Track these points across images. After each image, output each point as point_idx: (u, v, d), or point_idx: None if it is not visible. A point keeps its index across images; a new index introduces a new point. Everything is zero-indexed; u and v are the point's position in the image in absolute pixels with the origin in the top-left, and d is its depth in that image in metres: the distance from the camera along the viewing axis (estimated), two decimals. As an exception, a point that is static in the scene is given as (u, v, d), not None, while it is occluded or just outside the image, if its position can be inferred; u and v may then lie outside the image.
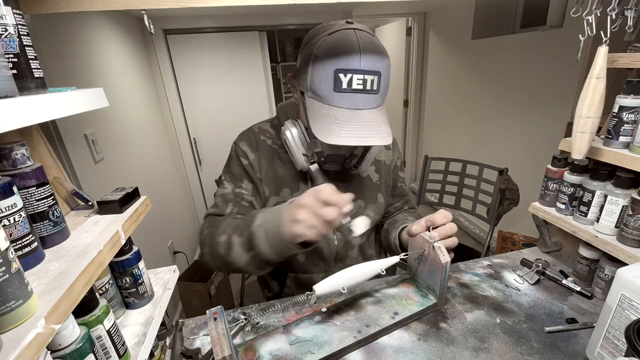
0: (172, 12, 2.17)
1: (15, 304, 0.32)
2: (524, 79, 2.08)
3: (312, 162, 0.75)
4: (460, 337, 0.68)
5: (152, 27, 0.59)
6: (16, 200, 0.39)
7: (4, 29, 0.39)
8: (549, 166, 0.86)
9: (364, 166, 0.78)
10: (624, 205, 0.70)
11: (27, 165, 0.44)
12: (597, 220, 0.75)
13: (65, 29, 1.23)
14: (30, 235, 0.41)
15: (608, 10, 0.63)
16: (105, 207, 0.56)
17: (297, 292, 0.90)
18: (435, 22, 2.99)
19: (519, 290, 0.82)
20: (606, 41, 0.64)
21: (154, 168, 1.99)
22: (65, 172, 0.60)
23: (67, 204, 0.59)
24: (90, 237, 0.49)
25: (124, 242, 0.52)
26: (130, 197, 0.59)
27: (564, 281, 0.82)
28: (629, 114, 0.67)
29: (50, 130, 0.94)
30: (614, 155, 0.70)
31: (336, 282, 0.63)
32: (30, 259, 0.41)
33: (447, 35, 2.83)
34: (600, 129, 0.79)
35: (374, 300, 0.76)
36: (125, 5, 0.53)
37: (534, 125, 2.07)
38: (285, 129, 0.73)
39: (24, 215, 0.40)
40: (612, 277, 0.58)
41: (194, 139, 2.59)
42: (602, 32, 0.64)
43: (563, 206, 0.83)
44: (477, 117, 2.58)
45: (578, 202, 0.79)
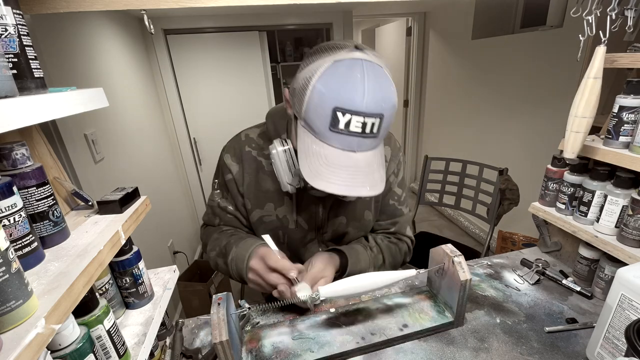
0: (172, 12, 2.17)
1: (15, 304, 0.32)
2: (524, 79, 2.07)
3: (297, 188, 0.71)
4: (460, 337, 0.68)
5: (152, 27, 0.59)
6: (16, 200, 0.39)
7: (4, 29, 0.39)
8: (549, 166, 0.86)
9: (351, 197, 0.75)
10: (624, 205, 0.70)
11: (27, 165, 0.44)
12: (597, 220, 0.75)
13: (65, 29, 1.23)
14: (30, 235, 0.41)
15: (608, 10, 0.63)
16: (105, 207, 0.56)
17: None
18: (435, 22, 2.99)
19: (519, 290, 0.82)
20: (604, 41, 0.64)
21: (154, 168, 1.99)
22: (65, 172, 0.60)
23: (67, 204, 0.59)
24: (90, 237, 0.49)
25: (124, 242, 0.52)
26: (130, 197, 0.59)
27: (564, 281, 0.82)
28: (629, 114, 0.67)
29: (50, 130, 0.95)
30: (614, 155, 0.70)
31: (342, 288, 0.63)
32: (30, 259, 0.41)
33: (447, 35, 2.83)
34: (598, 129, 0.79)
35: (384, 308, 0.74)
36: (125, 5, 0.53)
37: (534, 125, 2.07)
38: (272, 148, 0.68)
39: (24, 215, 0.40)
40: (612, 277, 0.58)
41: (194, 139, 2.59)
42: (601, 32, 0.64)
43: (563, 206, 0.83)
44: (477, 117, 2.58)
45: (578, 202, 0.79)
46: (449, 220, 3.11)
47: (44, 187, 0.45)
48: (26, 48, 0.42)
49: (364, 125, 0.56)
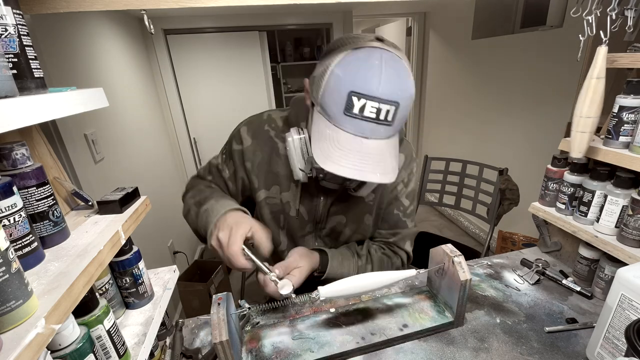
0: (172, 12, 2.17)
1: (15, 304, 0.32)
2: (524, 79, 2.07)
3: (309, 177, 0.71)
4: (460, 337, 0.68)
5: (152, 27, 0.59)
6: (16, 200, 0.39)
7: (4, 29, 0.39)
8: (549, 166, 0.86)
9: (364, 191, 0.74)
10: (624, 205, 0.70)
11: (27, 165, 0.44)
12: (597, 220, 0.75)
13: (65, 29, 1.23)
14: (30, 235, 0.41)
15: (608, 10, 0.63)
16: (105, 207, 0.56)
17: (295, 293, 0.90)
18: (435, 22, 2.99)
19: (519, 290, 0.82)
20: (606, 41, 0.64)
21: (154, 168, 1.99)
22: (65, 172, 0.60)
23: (67, 204, 0.59)
24: (90, 237, 0.49)
25: (124, 242, 0.52)
26: (130, 197, 0.59)
27: (564, 281, 0.82)
28: (629, 114, 0.67)
29: (50, 130, 0.94)
30: (614, 155, 0.70)
31: (342, 288, 0.63)
32: (30, 259, 0.41)
33: (447, 35, 2.83)
34: (600, 128, 0.79)
35: (384, 308, 0.74)
36: (125, 5, 0.53)
37: (534, 125, 2.07)
38: (288, 136, 0.69)
39: (24, 215, 0.40)
40: (612, 277, 0.58)
41: (194, 138, 2.59)
42: (601, 32, 0.64)
43: (563, 206, 0.83)
44: (477, 117, 2.58)
45: (578, 202, 0.79)
46: (449, 220, 3.11)
47: (44, 187, 0.45)
48: (26, 48, 0.42)
49: (379, 111, 0.56)
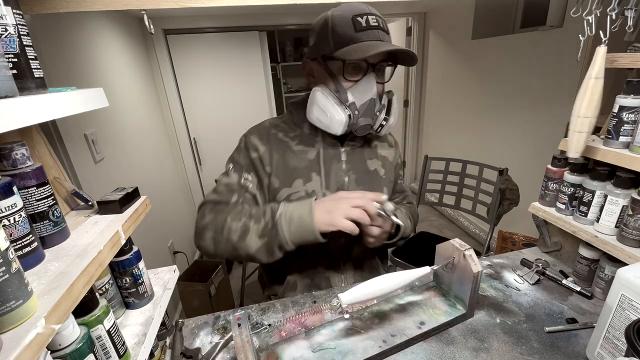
0: (172, 12, 2.17)
1: (15, 304, 0.32)
2: (524, 79, 2.07)
3: (348, 115, 0.75)
4: (460, 337, 0.68)
5: (152, 27, 0.59)
6: (16, 200, 0.39)
7: (4, 29, 0.39)
8: (549, 166, 0.86)
9: (392, 119, 0.80)
10: (624, 205, 0.70)
11: (27, 165, 0.44)
12: (597, 220, 0.75)
13: (65, 29, 1.23)
14: (30, 235, 0.41)
15: (608, 10, 0.63)
16: (105, 207, 0.56)
17: (300, 281, 0.90)
18: (435, 22, 2.99)
19: (519, 290, 0.82)
20: (605, 41, 0.64)
21: (154, 168, 1.99)
22: (65, 172, 0.60)
23: (67, 204, 0.59)
24: (90, 237, 0.49)
25: (124, 242, 0.52)
26: (130, 197, 0.59)
27: (564, 281, 0.82)
28: (629, 114, 0.67)
29: (50, 130, 0.94)
30: (614, 155, 0.70)
31: (364, 293, 0.62)
32: (30, 259, 0.41)
33: (447, 35, 2.83)
34: (599, 128, 0.79)
35: (398, 308, 0.74)
36: (125, 5, 0.53)
37: (534, 125, 2.07)
38: (315, 90, 0.76)
39: (24, 215, 0.40)
40: (612, 277, 0.58)
41: (194, 139, 2.59)
42: (601, 32, 0.64)
43: (563, 206, 0.83)
44: (477, 117, 2.58)
45: (578, 202, 0.79)
46: (449, 220, 3.11)
47: (44, 187, 0.45)
48: (26, 48, 0.42)
49: (378, 20, 0.73)
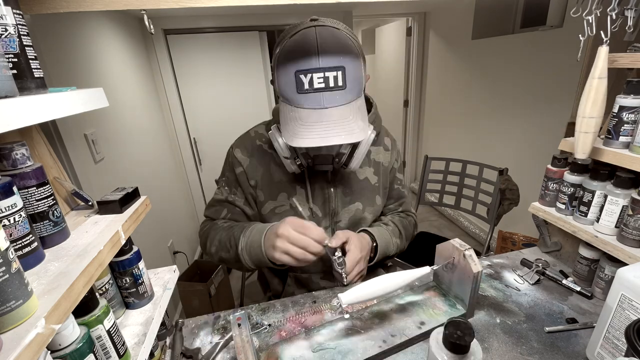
0: (172, 12, 2.17)
1: (15, 304, 0.32)
2: (524, 79, 2.07)
3: (299, 165, 0.74)
4: (460, 337, 0.68)
5: (152, 27, 0.59)
6: (16, 200, 0.39)
7: (4, 29, 0.39)
8: (549, 166, 0.86)
9: (354, 164, 0.76)
10: (624, 205, 0.70)
11: (27, 165, 0.44)
12: (597, 220, 0.75)
13: (65, 29, 1.23)
14: (30, 235, 0.41)
15: (608, 10, 0.63)
16: (105, 207, 0.56)
17: (297, 291, 0.90)
18: (435, 22, 2.99)
19: (519, 290, 0.82)
20: (607, 41, 0.64)
21: (154, 168, 1.99)
22: (65, 172, 0.60)
23: (67, 204, 0.59)
24: (90, 237, 0.49)
25: (124, 242, 0.52)
26: (130, 197, 0.59)
27: (564, 281, 0.82)
28: (629, 114, 0.67)
29: (50, 130, 0.94)
30: (614, 155, 0.70)
31: (364, 293, 0.62)
32: (30, 259, 0.41)
33: (447, 35, 2.83)
34: (600, 129, 0.79)
35: (398, 309, 0.74)
36: (125, 5, 0.53)
37: (534, 125, 2.07)
38: (271, 134, 0.73)
39: (24, 215, 0.40)
40: (612, 277, 0.58)
41: (194, 139, 2.59)
42: (602, 32, 0.64)
43: (563, 206, 0.83)
44: (477, 117, 2.58)
45: (578, 202, 0.79)
46: (449, 220, 3.11)
47: (44, 187, 0.45)
48: (26, 48, 0.42)
49: (326, 79, 0.61)
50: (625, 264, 0.64)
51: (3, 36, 0.39)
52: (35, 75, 0.43)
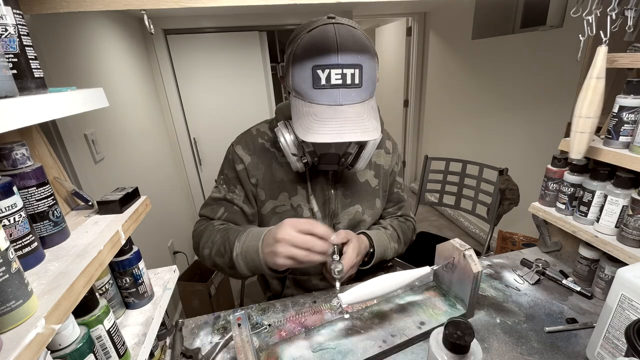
0: (172, 12, 2.17)
1: (15, 304, 0.32)
2: (524, 79, 2.07)
3: (305, 163, 0.73)
4: (460, 337, 0.68)
5: (152, 27, 0.59)
6: (16, 200, 0.39)
7: (4, 29, 0.39)
8: (549, 166, 0.86)
9: (360, 164, 0.75)
10: (624, 205, 0.70)
11: (27, 165, 0.44)
12: (597, 220, 0.75)
13: (65, 29, 1.23)
14: (30, 235, 0.41)
15: (608, 10, 0.63)
16: (105, 207, 0.56)
17: (297, 293, 0.90)
18: (435, 22, 2.99)
19: (519, 290, 0.82)
20: (606, 41, 0.64)
21: (154, 168, 1.99)
22: (65, 172, 0.60)
23: (67, 204, 0.59)
24: (90, 237, 0.49)
25: (124, 242, 0.52)
26: (130, 197, 0.59)
27: (564, 281, 0.82)
28: (629, 114, 0.67)
29: (50, 130, 0.95)
30: (614, 155, 0.70)
31: (364, 293, 0.62)
32: (30, 259, 0.41)
33: (447, 35, 2.83)
34: (599, 128, 0.79)
35: (398, 309, 0.74)
36: (125, 5, 0.53)
37: (534, 125, 2.07)
38: (277, 130, 0.72)
39: (24, 215, 0.40)
40: (612, 277, 0.58)
41: (194, 139, 2.59)
42: (602, 32, 0.64)
43: (563, 206, 0.83)
44: (477, 117, 2.58)
45: (578, 202, 0.79)
46: (449, 220, 3.11)
47: (44, 187, 0.45)
48: (26, 48, 0.42)
49: (344, 76, 0.61)
50: (625, 264, 0.64)
51: (3, 36, 0.39)
52: (35, 75, 0.43)
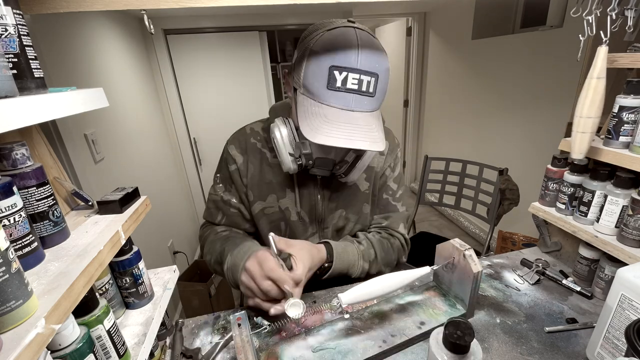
0: (172, 12, 2.17)
1: (15, 304, 0.32)
2: (524, 79, 2.08)
3: (299, 164, 0.70)
4: (460, 337, 0.68)
5: (152, 27, 0.59)
6: (16, 200, 0.39)
7: (4, 29, 0.39)
8: (549, 166, 0.86)
9: (354, 175, 0.73)
10: (624, 205, 0.70)
11: (27, 165, 0.44)
12: (597, 220, 0.75)
13: (65, 29, 1.23)
14: (30, 235, 0.41)
15: (608, 10, 0.63)
16: (105, 207, 0.56)
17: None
18: (435, 22, 2.99)
19: (519, 290, 0.82)
20: (606, 41, 0.64)
21: (154, 168, 1.99)
22: (65, 172, 0.60)
23: (67, 204, 0.59)
24: (90, 237, 0.49)
25: (124, 242, 0.52)
26: (130, 197, 0.59)
27: (564, 281, 0.82)
28: (629, 114, 0.67)
29: (50, 130, 0.95)
30: (614, 155, 0.70)
31: (363, 293, 0.62)
32: (30, 259, 0.41)
33: (447, 35, 2.83)
34: (600, 128, 0.79)
35: (398, 309, 0.73)
36: (125, 5, 0.53)
37: (534, 125, 2.07)
38: (274, 126, 0.69)
39: (24, 215, 0.40)
40: (612, 277, 0.58)
41: (194, 139, 2.59)
42: (602, 32, 0.64)
43: (563, 206, 0.83)
44: (477, 117, 2.58)
45: (578, 202, 0.79)
46: (449, 220, 3.11)
47: (44, 187, 0.45)
48: (26, 48, 0.41)
49: (360, 82, 0.59)
50: (625, 264, 0.64)
51: (3, 36, 0.39)
52: (35, 75, 0.43)
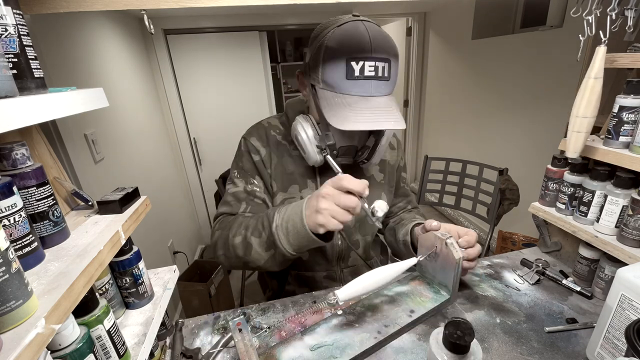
0: (172, 12, 2.17)
1: (15, 304, 0.32)
2: (524, 79, 2.08)
3: (324, 155, 0.73)
4: (460, 337, 0.68)
5: (152, 27, 0.59)
6: (16, 200, 0.39)
7: (4, 29, 0.39)
8: (549, 166, 0.86)
9: (376, 158, 0.77)
10: (624, 205, 0.70)
11: (27, 165, 0.44)
12: (597, 220, 0.75)
13: (65, 29, 1.23)
14: (30, 235, 0.41)
15: (608, 10, 0.63)
16: (105, 207, 0.56)
17: (299, 290, 0.90)
18: (435, 22, 2.99)
19: (519, 290, 0.82)
20: (605, 41, 0.64)
21: (154, 168, 1.99)
22: (65, 172, 0.60)
23: (67, 204, 0.59)
24: (90, 237, 0.49)
25: (124, 242, 0.52)
26: (130, 197, 0.59)
27: (564, 281, 0.82)
28: (629, 114, 0.67)
29: (50, 130, 0.95)
30: (614, 155, 0.70)
31: (359, 288, 0.63)
32: (30, 259, 0.41)
33: (447, 35, 2.83)
34: (598, 128, 0.79)
35: (388, 300, 0.76)
36: (125, 5, 0.53)
37: (534, 125, 2.07)
38: (296, 123, 0.73)
39: (24, 215, 0.40)
40: (612, 277, 0.58)
41: (194, 139, 2.59)
42: (601, 32, 0.64)
43: (563, 206, 0.83)
44: (477, 117, 2.58)
45: (578, 202, 0.79)
46: (449, 220, 3.11)
47: (44, 187, 0.45)
48: (26, 48, 0.42)
49: (377, 68, 0.64)
50: (625, 264, 0.64)
51: (3, 36, 0.39)
52: (35, 75, 0.43)
